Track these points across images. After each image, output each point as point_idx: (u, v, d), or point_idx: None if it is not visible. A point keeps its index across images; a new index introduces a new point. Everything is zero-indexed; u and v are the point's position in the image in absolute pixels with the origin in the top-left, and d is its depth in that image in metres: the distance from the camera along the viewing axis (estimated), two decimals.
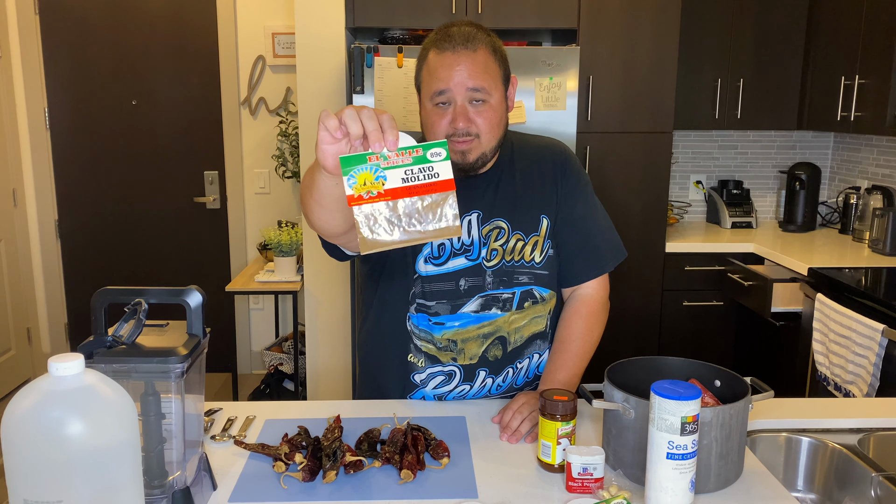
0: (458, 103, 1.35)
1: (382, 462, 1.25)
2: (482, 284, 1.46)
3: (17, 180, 3.86)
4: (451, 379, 1.50)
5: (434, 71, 1.35)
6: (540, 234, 1.48)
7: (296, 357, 3.46)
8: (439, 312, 1.46)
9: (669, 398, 1.03)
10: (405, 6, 2.98)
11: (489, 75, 1.35)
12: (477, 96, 1.35)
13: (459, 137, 1.36)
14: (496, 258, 1.46)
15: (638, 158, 3.18)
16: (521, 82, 2.91)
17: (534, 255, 1.48)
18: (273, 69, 3.83)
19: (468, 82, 1.33)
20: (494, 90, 1.37)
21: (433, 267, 1.45)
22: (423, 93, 1.40)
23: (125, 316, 1.06)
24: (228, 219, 3.97)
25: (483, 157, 1.40)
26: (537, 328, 1.52)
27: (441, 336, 1.47)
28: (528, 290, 1.48)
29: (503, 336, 1.48)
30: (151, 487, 1.05)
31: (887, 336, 2.22)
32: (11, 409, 0.84)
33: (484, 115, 1.36)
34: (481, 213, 1.46)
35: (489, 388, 1.52)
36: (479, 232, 1.46)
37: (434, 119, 1.37)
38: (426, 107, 1.39)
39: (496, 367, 1.50)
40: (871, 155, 3.46)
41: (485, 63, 1.35)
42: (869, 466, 1.28)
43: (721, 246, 3.28)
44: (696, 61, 3.37)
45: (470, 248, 1.45)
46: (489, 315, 1.47)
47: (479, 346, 1.48)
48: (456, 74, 1.33)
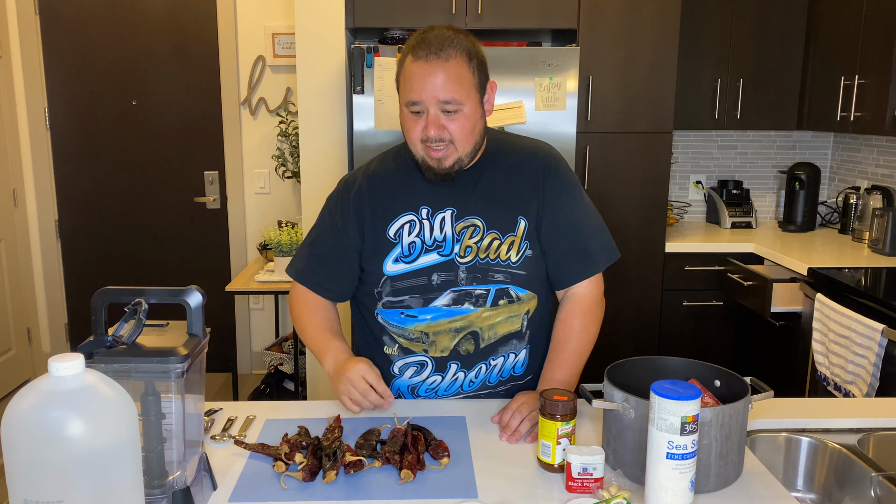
0: (430, 113, 1.38)
1: (382, 462, 1.25)
2: (455, 279, 1.47)
3: (17, 180, 3.86)
4: (423, 369, 1.52)
5: (408, 79, 1.38)
6: (517, 235, 1.49)
7: (296, 357, 3.46)
8: (411, 306, 1.49)
9: (669, 398, 1.03)
10: (405, 6, 2.98)
11: (461, 86, 1.37)
12: (448, 107, 1.37)
13: (433, 144, 1.39)
14: (470, 255, 1.47)
15: (638, 158, 3.18)
16: (522, 82, 2.91)
17: (510, 255, 1.48)
18: (273, 69, 3.83)
19: (440, 94, 1.36)
20: (468, 99, 1.39)
21: (403, 265, 1.48)
22: (400, 96, 1.43)
23: (125, 316, 1.06)
24: (228, 219, 3.97)
25: (459, 162, 1.43)
26: (512, 327, 1.52)
27: (413, 328, 1.49)
28: (503, 289, 1.49)
29: (476, 331, 1.49)
30: (151, 487, 1.05)
31: (887, 336, 2.22)
32: (11, 409, 0.84)
33: (456, 123, 1.39)
34: (456, 210, 1.48)
35: (461, 384, 1.53)
36: (452, 228, 1.47)
37: (409, 125, 1.41)
38: (403, 111, 1.43)
39: (468, 361, 1.51)
40: (871, 155, 3.46)
41: (458, 74, 1.37)
42: (869, 466, 1.28)
43: (721, 246, 3.28)
44: (696, 61, 3.37)
45: (442, 244, 1.47)
46: (462, 310, 1.48)
47: (451, 340, 1.49)
48: (427, 86, 1.36)
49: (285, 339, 3.88)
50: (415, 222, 1.48)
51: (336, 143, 3.08)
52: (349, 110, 3.04)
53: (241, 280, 3.42)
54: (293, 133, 3.73)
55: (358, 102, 2.91)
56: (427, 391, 1.54)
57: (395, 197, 1.50)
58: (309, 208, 3.10)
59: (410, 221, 1.48)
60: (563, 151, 2.92)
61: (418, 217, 1.48)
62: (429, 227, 1.47)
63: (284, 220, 3.83)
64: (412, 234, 1.47)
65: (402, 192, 1.50)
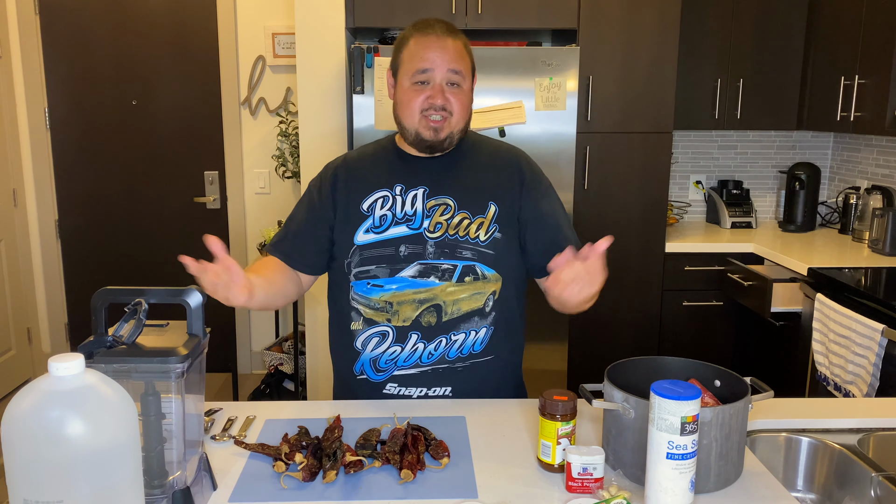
0: (437, 82, 1.49)
1: (382, 462, 1.25)
2: (422, 252, 1.53)
3: (17, 180, 3.86)
4: (384, 339, 1.55)
5: (416, 52, 1.50)
6: (486, 217, 1.55)
7: (296, 357, 3.46)
8: (378, 276, 1.54)
9: (669, 398, 1.03)
10: (405, 6, 2.98)
11: (465, 63, 1.52)
12: (454, 79, 1.50)
13: (435, 112, 1.49)
14: (440, 231, 1.53)
15: (638, 158, 3.18)
16: (522, 82, 2.91)
17: (479, 234, 1.54)
18: (273, 69, 3.84)
19: (450, 64, 1.49)
20: (467, 77, 1.53)
21: (373, 235, 1.55)
22: (401, 73, 1.53)
23: (125, 316, 1.06)
24: (228, 219, 3.97)
25: (450, 137, 1.53)
26: (476, 304, 1.54)
27: (379, 297, 1.54)
28: (470, 266, 1.53)
29: (439, 304, 1.53)
30: (151, 487, 1.05)
31: (887, 336, 2.22)
32: (11, 409, 0.84)
33: (457, 97, 1.51)
34: (428, 189, 1.56)
35: (420, 355, 1.55)
36: (423, 205, 1.55)
37: (411, 96, 1.50)
38: (403, 86, 1.52)
39: (429, 333, 1.54)
40: (871, 155, 3.46)
41: (462, 52, 1.52)
42: (869, 466, 1.28)
43: (721, 246, 3.28)
44: (696, 61, 3.37)
45: (412, 218, 1.54)
46: (427, 282, 1.52)
47: (414, 311, 1.53)
48: (438, 56, 1.48)
49: (285, 339, 3.88)
50: (388, 197, 1.56)
51: (336, 143, 3.08)
52: (349, 110, 3.04)
53: None
54: (293, 133, 3.73)
55: (358, 102, 2.91)
56: (387, 362, 1.56)
57: (371, 174, 1.59)
58: None
59: (384, 197, 1.56)
60: (563, 151, 2.98)
61: (392, 193, 1.56)
62: (401, 202, 1.55)
63: (284, 220, 3.83)
64: (384, 208, 1.55)
65: (378, 171, 1.59)
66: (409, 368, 1.55)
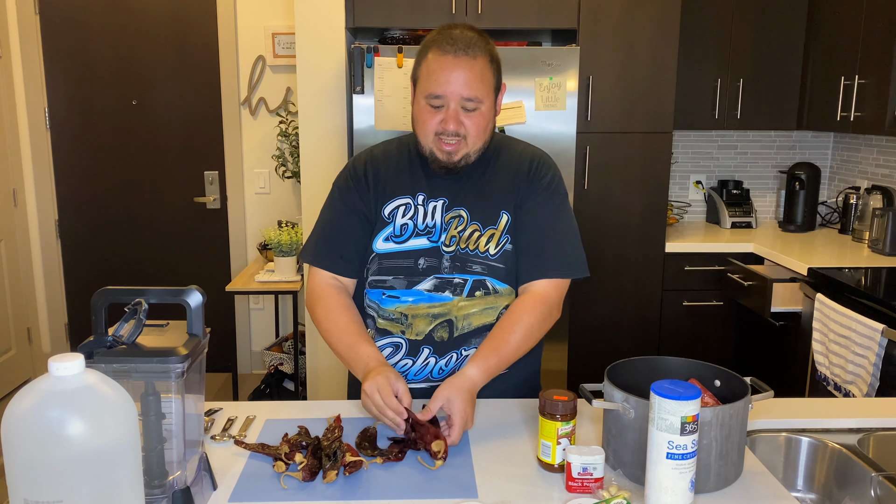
0: (450, 108, 1.42)
1: (384, 459, 1.25)
2: (438, 266, 1.50)
3: (17, 180, 3.86)
4: (397, 351, 1.54)
5: (432, 73, 1.42)
6: (497, 228, 1.51)
7: (296, 357, 3.46)
8: (395, 287, 1.51)
9: (669, 398, 1.03)
10: (405, 6, 2.97)
11: (483, 85, 1.42)
12: (469, 105, 1.42)
13: (448, 138, 1.43)
14: (454, 244, 1.51)
15: (638, 158, 3.18)
16: (522, 82, 2.91)
17: (488, 247, 1.51)
18: (273, 69, 3.83)
19: (463, 91, 1.40)
20: (486, 98, 1.44)
21: (393, 245, 1.51)
22: (418, 88, 1.46)
23: (125, 316, 1.06)
24: (228, 219, 3.97)
25: (466, 158, 1.47)
26: (488, 319, 1.52)
27: (394, 309, 1.52)
28: (481, 280, 1.50)
29: (451, 319, 1.51)
30: (151, 487, 1.05)
31: (887, 336, 2.22)
32: (11, 409, 0.84)
33: (474, 121, 1.43)
34: (447, 201, 1.52)
35: (431, 369, 1.53)
36: (442, 217, 1.52)
37: (426, 116, 1.45)
38: (419, 102, 1.46)
39: (441, 348, 1.52)
40: (871, 155, 3.46)
41: (481, 72, 1.42)
42: (869, 466, 1.28)
43: (721, 246, 3.28)
44: (696, 61, 3.37)
45: (433, 231, 1.51)
46: (441, 297, 1.50)
47: (427, 325, 1.51)
48: (453, 81, 1.40)
49: (285, 339, 3.88)
50: (410, 206, 1.53)
51: (336, 143, 3.08)
52: (349, 110, 3.04)
53: (241, 280, 3.42)
54: (293, 133, 3.73)
55: (358, 102, 2.91)
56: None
57: (395, 179, 1.54)
58: (309, 208, 3.10)
59: (406, 204, 1.53)
60: (563, 151, 2.97)
61: (414, 202, 1.53)
62: (423, 212, 1.52)
63: (284, 220, 3.83)
64: (406, 217, 1.52)
65: (401, 177, 1.54)
66: (420, 382, 1.54)
